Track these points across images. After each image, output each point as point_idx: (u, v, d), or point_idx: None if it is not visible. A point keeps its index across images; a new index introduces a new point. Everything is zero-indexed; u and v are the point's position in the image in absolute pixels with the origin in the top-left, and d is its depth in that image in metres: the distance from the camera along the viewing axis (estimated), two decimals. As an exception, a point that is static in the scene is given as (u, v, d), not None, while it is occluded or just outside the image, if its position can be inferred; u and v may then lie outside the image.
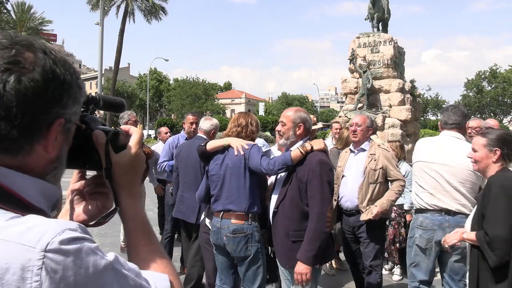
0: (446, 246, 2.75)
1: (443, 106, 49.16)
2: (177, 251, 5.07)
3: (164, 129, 6.71)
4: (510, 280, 2.26)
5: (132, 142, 0.87)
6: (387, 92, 14.77)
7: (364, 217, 3.71)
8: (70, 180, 0.95)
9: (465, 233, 2.56)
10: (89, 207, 0.91)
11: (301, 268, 2.71)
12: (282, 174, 2.98)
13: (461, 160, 3.07)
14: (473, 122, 4.11)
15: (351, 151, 4.07)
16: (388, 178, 3.82)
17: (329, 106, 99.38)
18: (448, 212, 3.18)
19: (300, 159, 2.87)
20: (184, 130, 5.23)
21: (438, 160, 3.25)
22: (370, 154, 3.86)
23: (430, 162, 3.30)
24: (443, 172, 3.21)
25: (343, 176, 3.98)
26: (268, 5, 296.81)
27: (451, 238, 2.70)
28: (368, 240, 3.79)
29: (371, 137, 6.30)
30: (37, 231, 0.59)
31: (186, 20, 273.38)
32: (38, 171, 0.71)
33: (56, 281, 0.57)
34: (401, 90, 14.69)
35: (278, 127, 3.04)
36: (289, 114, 2.98)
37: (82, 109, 1.00)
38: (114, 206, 0.87)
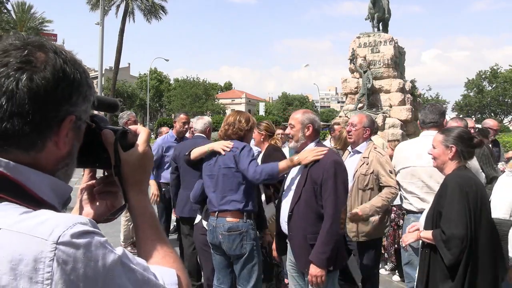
0: (403, 245, 2.81)
1: (444, 106, 49.24)
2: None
3: (165, 129, 6.71)
4: (459, 279, 2.27)
5: (140, 141, 0.90)
6: (388, 92, 14.76)
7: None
8: (76, 180, 0.95)
9: (422, 231, 2.54)
10: (99, 206, 0.94)
11: (316, 271, 2.64)
12: (294, 175, 2.97)
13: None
14: (452, 122, 4.06)
15: (349, 152, 3.90)
16: (380, 184, 3.51)
17: (329, 106, 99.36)
18: None
19: (287, 171, 2.96)
20: (173, 129, 5.21)
21: (422, 163, 3.22)
22: (363, 157, 3.59)
23: (414, 166, 3.30)
24: (428, 174, 3.21)
25: None
26: (268, 5, 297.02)
27: (408, 237, 2.69)
28: (359, 259, 3.55)
29: (373, 136, 6.26)
30: (49, 224, 0.62)
31: (186, 20, 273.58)
32: (50, 167, 0.74)
33: (67, 273, 0.59)
34: (402, 90, 14.69)
35: (288, 130, 3.03)
36: (297, 116, 2.96)
37: None
38: (123, 203, 0.91)
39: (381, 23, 15.95)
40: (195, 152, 3.22)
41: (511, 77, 41.51)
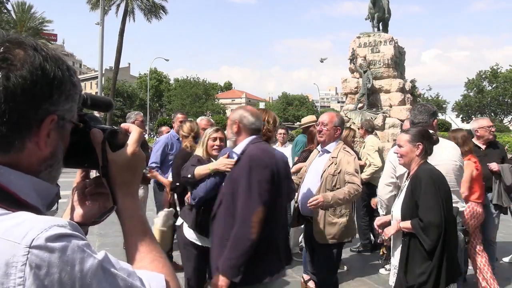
0: (385, 238, 2.98)
1: (444, 106, 49.22)
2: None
3: (165, 129, 6.71)
4: (436, 259, 2.56)
5: (131, 141, 0.86)
6: (388, 92, 14.76)
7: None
8: (74, 180, 0.95)
9: (401, 222, 2.77)
10: (90, 207, 0.91)
11: (218, 279, 2.31)
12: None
13: (445, 155, 3.18)
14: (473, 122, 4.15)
15: (318, 151, 3.74)
16: (345, 182, 3.36)
17: (329, 106, 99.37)
18: None
19: (202, 177, 3.03)
20: (173, 129, 5.25)
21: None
22: (332, 157, 3.46)
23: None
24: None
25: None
26: (268, 5, 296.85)
27: (389, 230, 2.90)
28: (320, 258, 3.50)
29: (368, 136, 6.22)
30: (24, 227, 0.59)
31: (186, 20, 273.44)
32: (32, 168, 0.71)
33: (41, 278, 0.56)
34: (402, 90, 14.69)
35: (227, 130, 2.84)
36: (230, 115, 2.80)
37: None
38: (111, 204, 0.87)
39: (381, 23, 15.95)
40: (199, 173, 3.09)
41: (511, 77, 41.50)
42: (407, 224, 2.70)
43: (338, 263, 3.67)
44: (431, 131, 3.35)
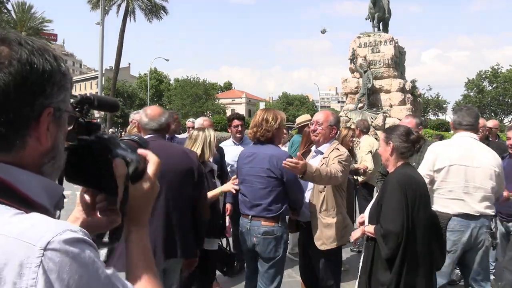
0: (352, 240, 2.93)
1: (444, 106, 49.17)
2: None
3: (166, 129, 6.77)
4: (396, 270, 2.44)
5: (150, 173, 0.86)
6: (388, 92, 14.76)
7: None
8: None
9: (366, 226, 2.69)
10: (99, 219, 0.89)
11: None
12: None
13: (485, 160, 3.14)
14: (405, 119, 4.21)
15: (313, 153, 3.53)
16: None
17: (329, 106, 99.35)
18: (474, 216, 3.16)
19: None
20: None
21: (466, 162, 3.20)
22: (323, 158, 3.26)
23: (460, 165, 3.21)
24: (471, 175, 3.18)
25: None
26: (267, 5, 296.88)
27: (356, 234, 2.84)
28: (320, 267, 3.30)
29: (363, 137, 6.09)
30: (39, 229, 0.59)
31: (186, 20, 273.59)
32: (35, 162, 0.71)
33: (51, 281, 0.56)
34: (402, 90, 14.69)
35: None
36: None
37: (77, 109, 1.01)
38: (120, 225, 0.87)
39: (381, 23, 15.95)
40: (210, 196, 3.26)
41: (511, 77, 41.47)
42: (370, 228, 2.63)
43: (341, 266, 3.52)
44: (474, 135, 3.33)
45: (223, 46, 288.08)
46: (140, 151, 0.90)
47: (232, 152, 4.57)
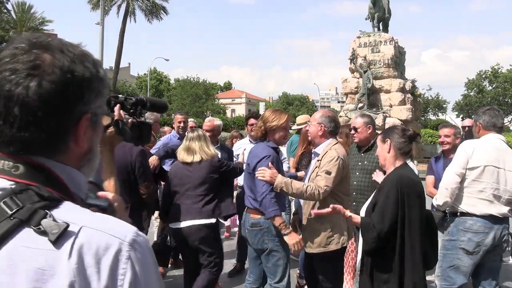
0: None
1: (444, 106, 49.14)
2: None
3: (167, 129, 6.77)
4: (396, 268, 2.45)
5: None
6: (388, 92, 14.77)
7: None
8: None
9: (352, 214, 2.67)
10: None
11: None
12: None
13: None
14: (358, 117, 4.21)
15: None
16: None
17: (329, 106, 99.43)
18: (499, 219, 3.16)
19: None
20: (174, 130, 5.34)
21: (500, 165, 3.19)
22: (317, 161, 3.16)
23: (495, 167, 3.19)
24: (503, 178, 3.18)
25: None
26: (267, 5, 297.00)
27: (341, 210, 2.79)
28: (319, 269, 3.22)
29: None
30: (123, 227, 0.71)
31: (186, 20, 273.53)
32: (75, 165, 0.77)
33: (136, 272, 0.68)
34: (402, 90, 14.70)
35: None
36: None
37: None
38: None
39: (381, 23, 15.95)
40: None
41: (511, 77, 41.47)
42: (356, 218, 2.63)
43: (342, 270, 3.34)
44: (503, 137, 3.34)
45: (223, 46, 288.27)
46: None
47: (248, 150, 4.72)
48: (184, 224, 3.46)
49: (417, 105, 15.51)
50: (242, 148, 4.65)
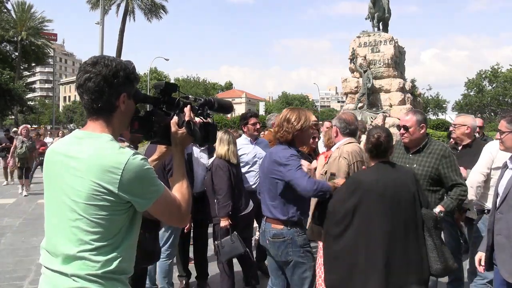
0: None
1: (444, 105, 49.08)
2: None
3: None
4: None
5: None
6: (388, 91, 14.76)
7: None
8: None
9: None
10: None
11: None
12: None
13: None
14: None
15: None
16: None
17: (329, 106, 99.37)
18: None
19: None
20: None
21: None
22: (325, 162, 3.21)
23: None
24: None
25: None
26: (266, 5, 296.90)
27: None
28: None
29: (362, 136, 5.86)
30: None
31: (186, 19, 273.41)
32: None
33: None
34: (402, 89, 14.69)
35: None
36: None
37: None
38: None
39: (381, 22, 15.94)
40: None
41: (511, 76, 41.48)
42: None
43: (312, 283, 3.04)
44: None
45: (223, 46, 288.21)
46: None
47: (248, 151, 4.58)
48: None
49: (417, 105, 15.49)
50: (242, 148, 4.49)
